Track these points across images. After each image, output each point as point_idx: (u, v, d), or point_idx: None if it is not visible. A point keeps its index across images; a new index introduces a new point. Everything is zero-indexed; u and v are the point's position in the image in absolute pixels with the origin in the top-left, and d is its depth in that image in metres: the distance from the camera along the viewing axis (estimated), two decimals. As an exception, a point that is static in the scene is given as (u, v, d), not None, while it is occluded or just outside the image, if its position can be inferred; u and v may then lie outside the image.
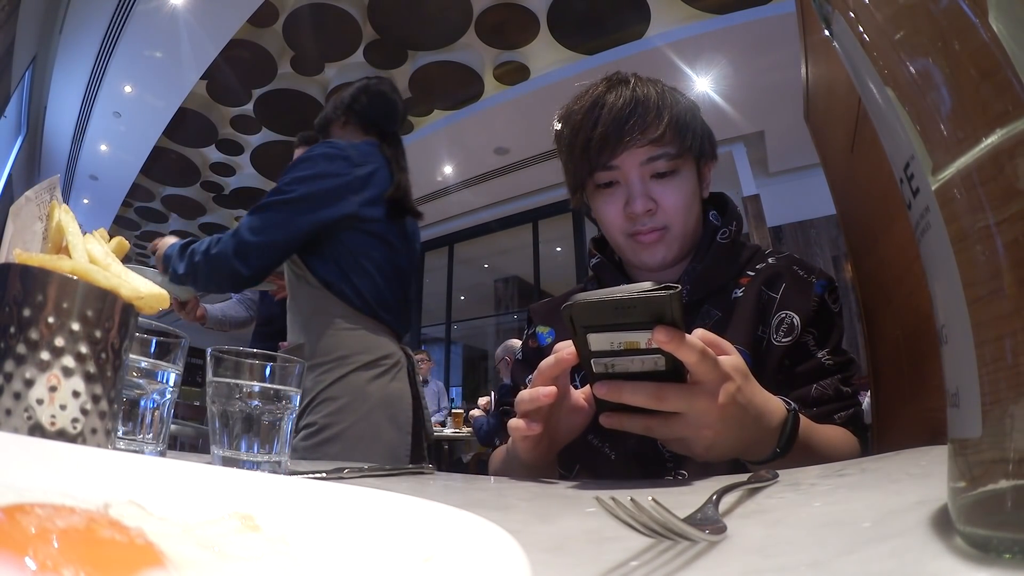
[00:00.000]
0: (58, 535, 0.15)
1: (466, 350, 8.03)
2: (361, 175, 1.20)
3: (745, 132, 4.86)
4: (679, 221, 0.71)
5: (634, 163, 0.69)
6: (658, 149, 0.68)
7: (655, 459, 0.66)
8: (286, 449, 0.54)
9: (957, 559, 0.19)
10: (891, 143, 0.21)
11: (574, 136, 0.72)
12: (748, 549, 0.24)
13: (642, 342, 0.43)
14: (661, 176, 0.70)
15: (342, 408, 1.15)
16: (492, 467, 0.76)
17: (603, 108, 0.69)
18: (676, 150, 0.69)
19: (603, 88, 0.71)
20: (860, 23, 0.21)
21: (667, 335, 0.42)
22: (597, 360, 0.45)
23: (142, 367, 0.52)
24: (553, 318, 0.82)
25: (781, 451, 0.52)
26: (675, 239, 0.71)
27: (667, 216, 0.70)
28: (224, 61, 4.42)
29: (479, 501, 0.46)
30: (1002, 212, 0.17)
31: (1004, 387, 0.17)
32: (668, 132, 0.68)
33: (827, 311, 0.69)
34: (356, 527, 0.22)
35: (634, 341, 0.43)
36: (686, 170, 0.71)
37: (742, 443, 0.51)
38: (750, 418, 0.49)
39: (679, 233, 0.71)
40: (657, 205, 0.69)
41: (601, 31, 4.28)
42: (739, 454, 0.53)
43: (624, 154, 0.69)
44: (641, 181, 0.69)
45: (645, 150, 0.68)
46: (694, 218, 0.73)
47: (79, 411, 0.34)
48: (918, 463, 0.42)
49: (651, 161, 0.69)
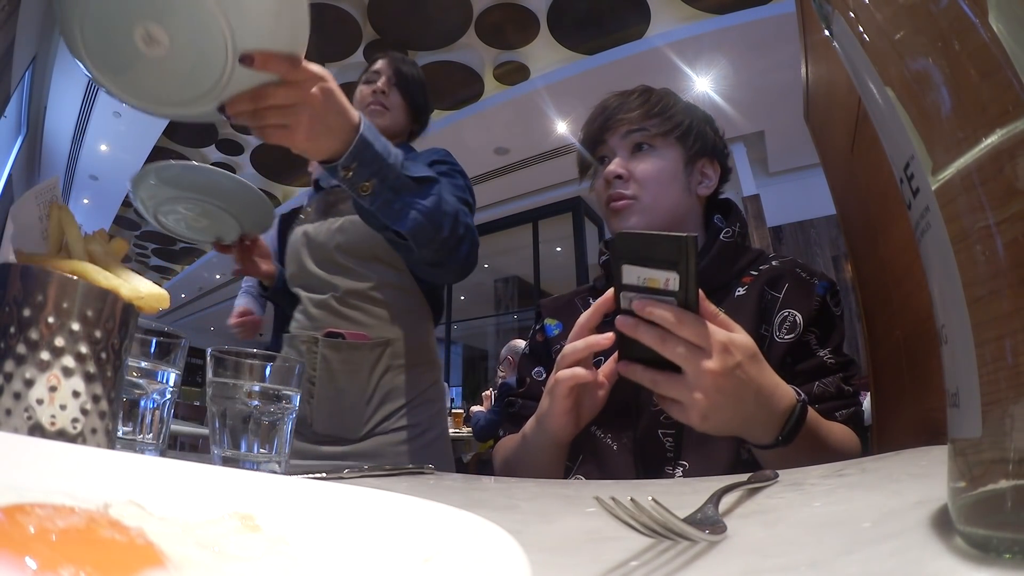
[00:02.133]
0: (58, 535, 0.15)
1: (466, 350, 8.03)
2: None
3: (745, 132, 4.85)
4: (648, 192, 0.77)
5: (617, 137, 0.80)
6: (636, 125, 0.79)
7: (657, 449, 0.68)
8: (286, 449, 0.54)
9: (957, 559, 0.19)
10: (891, 143, 0.21)
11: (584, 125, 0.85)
12: (748, 549, 0.24)
13: (661, 281, 0.49)
14: (639, 149, 0.79)
15: (440, 411, 1.14)
16: (500, 457, 0.76)
17: (607, 100, 0.82)
18: (656, 128, 0.78)
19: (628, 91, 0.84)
20: (860, 23, 0.21)
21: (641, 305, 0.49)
22: (624, 294, 0.51)
23: (142, 367, 0.52)
24: (561, 312, 0.86)
25: (784, 439, 0.53)
26: (644, 209, 0.77)
27: (638, 184, 0.77)
28: (224, 61, 4.41)
29: (479, 501, 0.46)
30: (1002, 212, 0.17)
31: (1004, 387, 0.17)
32: (651, 115, 0.79)
33: (828, 312, 0.71)
34: (356, 527, 0.22)
35: (655, 279, 0.49)
36: (664, 150, 0.79)
37: (740, 420, 0.52)
38: (750, 395, 0.50)
39: (648, 204, 0.77)
40: (630, 174, 0.77)
41: (601, 31, 4.28)
42: (739, 432, 0.54)
43: (611, 131, 0.80)
44: (623, 152, 0.79)
45: (626, 125, 0.79)
46: (668, 197, 0.78)
47: (79, 411, 0.34)
48: (918, 463, 0.42)
49: (629, 134, 0.79)
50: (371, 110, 1.16)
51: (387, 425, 1.03)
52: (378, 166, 0.74)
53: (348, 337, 1.04)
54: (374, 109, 1.16)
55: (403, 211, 0.80)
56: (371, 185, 0.75)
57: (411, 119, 1.23)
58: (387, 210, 0.79)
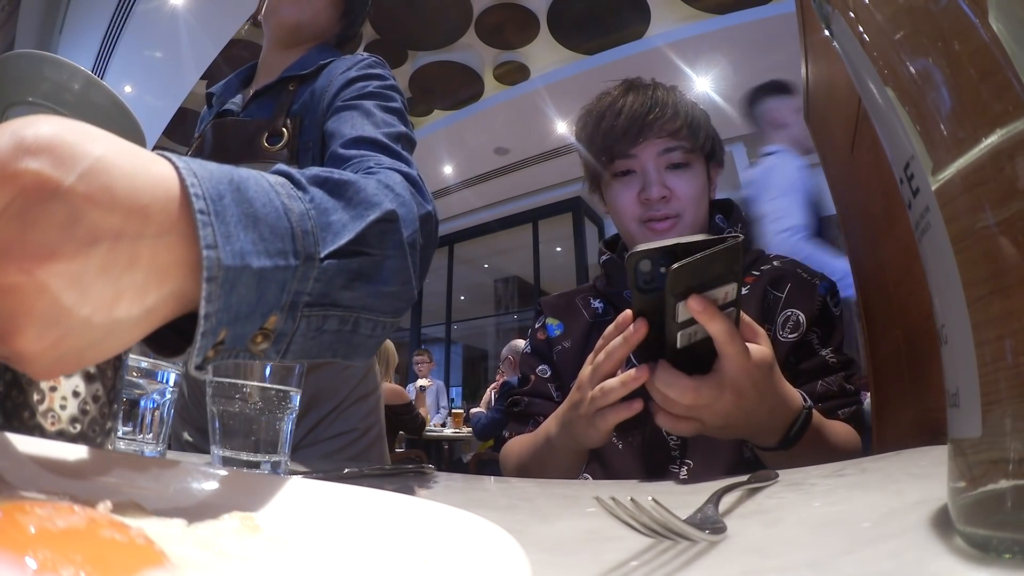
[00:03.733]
0: (58, 535, 0.15)
1: (466, 350, 8.02)
2: None
3: (745, 132, 4.85)
4: (691, 210, 0.75)
5: (651, 153, 0.74)
6: (674, 142, 0.74)
7: (662, 448, 0.68)
8: (286, 449, 0.54)
9: (957, 559, 0.19)
10: (891, 143, 0.21)
11: (596, 127, 0.77)
12: (748, 549, 0.24)
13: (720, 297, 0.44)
14: (675, 167, 0.75)
15: (376, 407, 0.96)
16: (514, 457, 0.74)
17: (625, 104, 0.75)
18: (690, 145, 0.74)
19: (623, 88, 0.78)
20: (860, 23, 0.21)
21: (701, 304, 0.43)
22: (683, 332, 0.46)
23: (142, 367, 0.52)
24: (562, 312, 0.85)
25: (788, 443, 0.53)
26: (686, 227, 0.75)
27: (680, 204, 0.74)
28: (224, 61, 4.41)
29: (479, 501, 0.46)
30: (1002, 212, 0.17)
31: (1004, 387, 0.17)
32: (684, 128, 0.74)
33: (829, 313, 0.71)
34: (356, 527, 0.22)
35: (715, 298, 0.44)
36: (697, 165, 0.76)
37: (751, 428, 0.53)
38: (766, 409, 0.51)
39: (690, 222, 0.75)
40: (672, 193, 0.74)
41: (601, 31, 4.28)
42: (747, 437, 0.55)
43: (643, 143, 0.74)
44: (657, 170, 0.74)
45: (663, 141, 0.74)
46: (703, 212, 0.77)
47: (79, 411, 0.34)
48: (918, 463, 0.42)
49: (667, 152, 0.74)
50: (285, 0, 0.88)
51: (316, 435, 0.87)
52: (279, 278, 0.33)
53: None
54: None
55: (347, 328, 0.40)
56: (272, 322, 0.34)
57: (341, 18, 0.95)
58: (312, 343, 0.38)
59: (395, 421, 3.05)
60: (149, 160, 0.28)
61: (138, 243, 0.26)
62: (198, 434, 0.89)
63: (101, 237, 0.25)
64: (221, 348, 0.31)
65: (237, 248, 0.29)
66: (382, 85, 0.78)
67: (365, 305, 0.40)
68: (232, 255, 0.29)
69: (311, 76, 0.84)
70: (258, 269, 0.31)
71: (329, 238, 0.37)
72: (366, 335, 0.42)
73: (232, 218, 0.30)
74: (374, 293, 0.41)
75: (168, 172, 0.28)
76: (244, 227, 0.30)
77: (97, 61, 4.40)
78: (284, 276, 0.33)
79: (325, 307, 0.37)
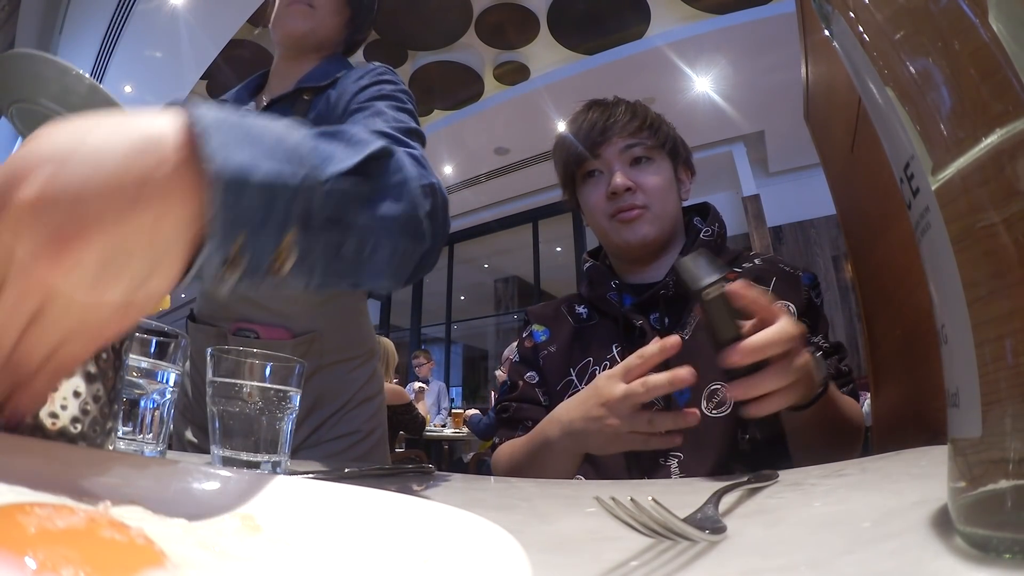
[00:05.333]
0: (58, 535, 0.15)
1: (466, 350, 8.03)
2: None
3: (745, 132, 4.86)
4: (657, 200, 0.79)
5: (614, 151, 0.80)
6: (635, 139, 0.80)
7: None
8: (286, 449, 0.54)
9: (957, 559, 0.19)
10: (891, 143, 0.21)
11: (563, 141, 0.85)
12: (748, 549, 0.24)
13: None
14: (639, 162, 0.80)
15: (379, 409, 0.96)
16: (504, 461, 0.76)
17: (587, 118, 0.83)
18: (652, 141, 0.81)
19: (586, 107, 0.85)
20: (860, 23, 0.21)
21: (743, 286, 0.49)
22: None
23: (142, 367, 0.52)
24: (548, 319, 0.87)
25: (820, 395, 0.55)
26: (655, 218, 0.79)
27: (646, 196, 0.79)
28: (224, 61, 4.42)
29: (479, 501, 0.46)
30: (1002, 212, 0.17)
31: (1004, 387, 0.17)
32: (644, 128, 0.80)
33: (813, 303, 0.75)
34: (356, 527, 0.22)
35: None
36: (661, 161, 0.81)
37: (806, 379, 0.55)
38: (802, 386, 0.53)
39: (658, 212, 0.79)
40: (637, 185, 0.79)
41: (601, 31, 4.28)
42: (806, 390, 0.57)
43: (605, 145, 0.80)
44: (621, 165, 0.80)
45: (623, 140, 0.80)
46: (672, 206, 0.81)
47: (79, 411, 0.34)
48: (918, 463, 0.42)
49: (629, 148, 0.80)
50: (292, 11, 0.89)
51: (319, 436, 0.87)
52: (284, 190, 0.34)
53: (263, 335, 0.83)
54: (296, 10, 0.89)
55: (366, 251, 0.40)
56: (289, 240, 0.34)
57: (346, 25, 0.95)
58: (337, 265, 0.39)
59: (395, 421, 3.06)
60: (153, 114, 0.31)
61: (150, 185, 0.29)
62: (201, 434, 0.90)
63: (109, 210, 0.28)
64: (241, 262, 0.33)
65: (236, 160, 0.31)
66: (394, 89, 0.82)
67: (381, 227, 0.41)
68: (231, 164, 0.31)
69: (325, 86, 0.88)
70: (262, 179, 0.32)
71: (330, 165, 0.37)
72: (385, 260, 0.42)
73: (232, 138, 0.32)
74: (387, 217, 0.42)
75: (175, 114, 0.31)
76: (243, 144, 0.32)
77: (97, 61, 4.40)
78: (289, 190, 0.34)
79: (340, 228, 0.37)
